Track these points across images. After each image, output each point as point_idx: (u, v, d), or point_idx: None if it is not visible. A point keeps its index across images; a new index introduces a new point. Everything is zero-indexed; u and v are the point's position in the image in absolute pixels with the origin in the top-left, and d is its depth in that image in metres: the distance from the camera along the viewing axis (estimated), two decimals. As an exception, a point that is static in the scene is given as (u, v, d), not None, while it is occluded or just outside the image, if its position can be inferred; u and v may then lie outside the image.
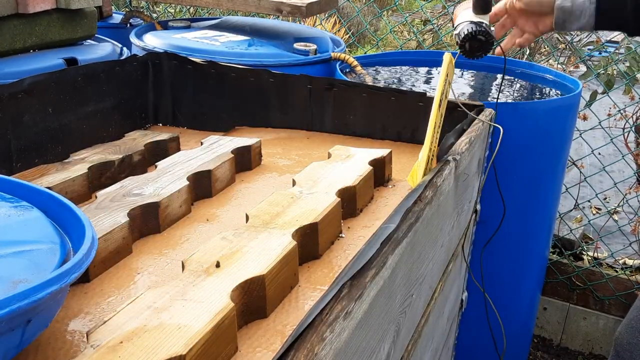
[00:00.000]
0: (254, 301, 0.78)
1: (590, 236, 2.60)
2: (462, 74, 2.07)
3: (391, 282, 0.79)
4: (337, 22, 4.65)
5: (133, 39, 2.03)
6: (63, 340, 0.75)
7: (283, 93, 1.55)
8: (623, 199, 2.46)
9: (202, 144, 1.31)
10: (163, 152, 1.34)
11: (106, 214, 0.96)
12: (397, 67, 2.10)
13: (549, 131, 1.73)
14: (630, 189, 2.63)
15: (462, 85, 1.94)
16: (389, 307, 0.79)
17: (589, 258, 2.48)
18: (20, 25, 1.64)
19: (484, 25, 1.24)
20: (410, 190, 1.03)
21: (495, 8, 1.26)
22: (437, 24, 3.60)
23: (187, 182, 1.10)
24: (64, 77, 1.32)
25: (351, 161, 1.20)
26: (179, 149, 1.38)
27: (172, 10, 3.77)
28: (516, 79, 2.04)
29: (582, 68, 2.84)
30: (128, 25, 2.45)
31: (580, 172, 2.45)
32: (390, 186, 1.25)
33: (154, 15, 3.50)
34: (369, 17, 5.56)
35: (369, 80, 1.88)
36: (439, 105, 1.09)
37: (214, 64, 1.58)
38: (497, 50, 1.32)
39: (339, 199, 1.03)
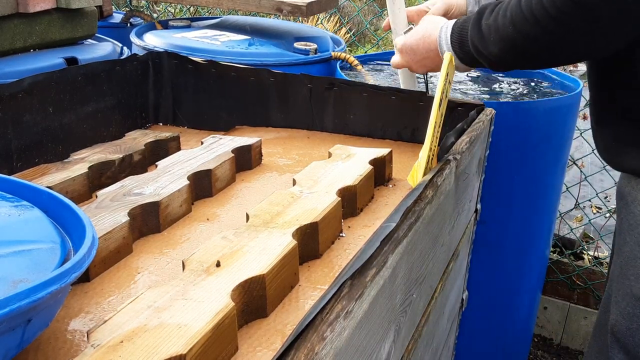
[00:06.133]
0: (255, 300, 0.78)
1: (591, 235, 2.60)
2: (462, 74, 2.06)
3: (391, 281, 0.79)
4: (338, 21, 4.65)
5: (133, 38, 2.03)
6: (63, 340, 0.75)
7: (283, 92, 1.55)
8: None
9: (202, 143, 1.31)
10: (163, 152, 1.34)
11: (106, 214, 0.96)
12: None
13: (550, 131, 1.73)
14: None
15: (462, 85, 1.94)
16: (389, 306, 0.79)
17: (590, 257, 2.48)
18: (20, 25, 1.64)
19: None
20: (410, 189, 1.03)
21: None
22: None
23: (188, 182, 1.10)
24: (64, 76, 1.32)
25: (351, 160, 1.20)
26: (179, 149, 1.38)
27: (173, 10, 3.77)
28: (517, 79, 2.03)
29: (583, 67, 2.83)
30: (128, 24, 2.45)
31: (581, 171, 2.45)
32: (390, 186, 1.25)
33: (155, 14, 3.50)
34: (370, 16, 5.55)
35: (369, 80, 1.88)
36: (439, 105, 1.09)
37: (215, 63, 1.58)
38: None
39: (339, 199, 1.02)
